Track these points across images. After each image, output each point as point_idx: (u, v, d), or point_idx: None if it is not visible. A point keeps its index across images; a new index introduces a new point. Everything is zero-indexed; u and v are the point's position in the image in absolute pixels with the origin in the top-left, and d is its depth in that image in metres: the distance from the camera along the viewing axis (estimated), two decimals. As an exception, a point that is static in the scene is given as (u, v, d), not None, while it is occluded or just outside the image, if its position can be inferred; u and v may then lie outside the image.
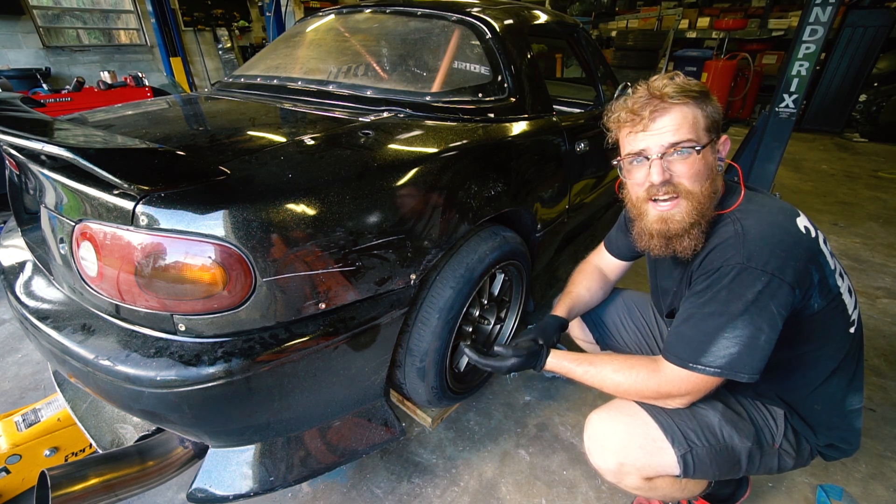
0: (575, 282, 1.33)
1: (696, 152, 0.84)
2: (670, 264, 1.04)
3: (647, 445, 0.94)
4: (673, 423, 0.94)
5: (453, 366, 1.45)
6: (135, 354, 0.86)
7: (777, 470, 1.00)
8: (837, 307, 0.89)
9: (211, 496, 0.97)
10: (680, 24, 7.52)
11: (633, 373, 0.92)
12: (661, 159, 0.85)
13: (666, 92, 0.83)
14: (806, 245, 0.83)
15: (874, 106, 5.61)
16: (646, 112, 0.85)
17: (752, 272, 0.79)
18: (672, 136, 0.84)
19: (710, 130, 0.86)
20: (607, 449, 0.96)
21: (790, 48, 2.79)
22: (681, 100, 0.83)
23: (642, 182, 0.90)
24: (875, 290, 2.42)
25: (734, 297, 0.80)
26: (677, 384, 0.87)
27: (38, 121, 0.98)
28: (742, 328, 0.80)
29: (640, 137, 0.87)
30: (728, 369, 0.81)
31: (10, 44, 5.50)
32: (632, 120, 0.88)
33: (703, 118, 0.85)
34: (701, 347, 0.83)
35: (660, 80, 0.86)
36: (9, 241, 1.34)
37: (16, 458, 1.24)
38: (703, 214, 0.87)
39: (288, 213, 0.87)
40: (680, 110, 0.84)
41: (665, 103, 0.84)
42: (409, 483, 1.36)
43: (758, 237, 0.82)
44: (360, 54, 1.71)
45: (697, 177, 0.85)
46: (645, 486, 0.97)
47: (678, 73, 0.88)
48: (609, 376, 0.95)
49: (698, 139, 0.84)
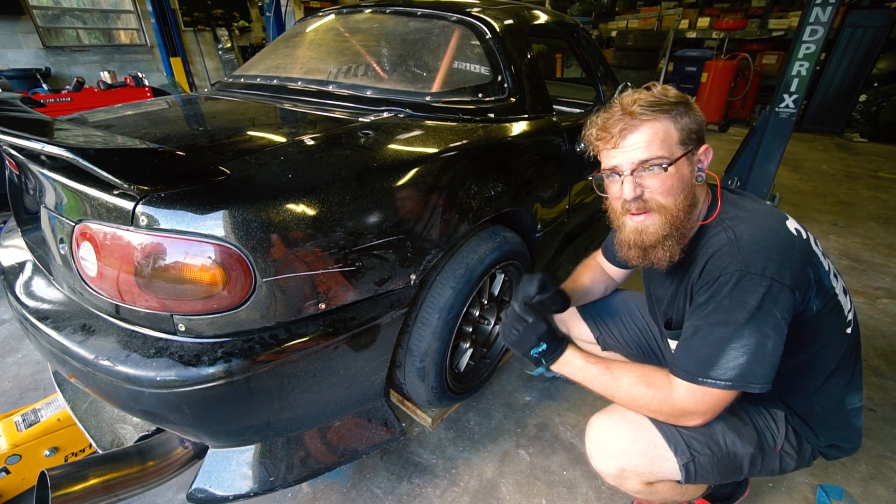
0: (578, 272, 1.35)
1: (663, 170, 0.84)
2: (663, 274, 1.04)
3: (649, 452, 0.93)
4: (675, 432, 0.93)
5: (453, 366, 1.45)
6: (135, 355, 0.86)
7: (779, 472, 1.00)
8: (834, 308, 0.89)
9: (211, 496, 0.97)
10: (680, 25, 7.52)
11: (650, 391, 0.89)
12: (633, 175, 0.86)
13: (634, 110, 0.84)
14: (800, 247, 0.83)
15: (874, 106, 5.61)
16: (616, 129, 0.85)
17: (751, 278, 0.79)
18: (642, 153, 0.84)
19: (686, 143, 0.85)
20: (608, 454, 0.96)
21: (790, 48, 2.79)
22: (651, 115, 0.83)
23: (618, 196, 0.91)
24: (875, 290, 2.41)
25: (737, 305, 0.80)
26: (691, 403, 0.85)
27: (38, 121, 0.98)
28: (748, 336, 0.79)
29: (612, 154, 0.88)
30: (739, 381, 0.80)
31: (10, 44, 5.50)
32: (603, 138, 0.89)
33: (677, 131, 0.84)
34: (709, 361, 0.82)
35: (632, 95, 0.86)
36: (9, 241, 1.34)
37: (16, 459, 1.24)
38: (678, 227, 0.88)
39: (288, 213, 0.87)
40: (650, 126, 0.84)
41: (635, 120, 0.84)
42: (409, 483, 1.36)
43: (751, 242, 0.82)
44: (360, 54, 1.71)
45: (670, 191, 0.86)
46: (646, 490, 0.97)
47: (655, 84, 0.88)
48: (625, 388, 0.91)
49: (670, 154, 0.84)
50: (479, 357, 1.56)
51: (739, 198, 0.94)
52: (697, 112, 0.87)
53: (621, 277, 1.36)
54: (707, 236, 0.90)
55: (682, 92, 0.88)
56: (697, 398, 0.84)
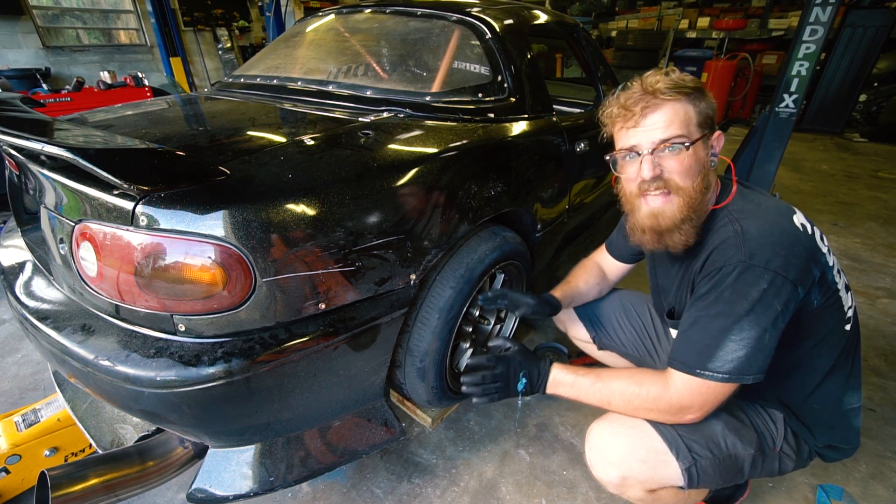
0: (574, 274, 1.35)
1: (685, 148, 0.84)
2: (669, 263, 1.04)
3: (651, 458, 0.92)
4: (677, 436, 0.92)
5: (453, 366, 1.45)
6: (135, 355, 0.86)
7: (778, 473, 1.00)
8: (834, 304, 0.89)
9: (211, 496, 0.97)
10: (680, 24, 7.52)
11: (643, 390, 0.89)
12: (652, 155, 0.86)
13: (658, 88, 0.83)
14: (805, 242, 0.83)
15: (874, 106, 5.61)
16: (637, 108, 0.85)
17: (755, 270, 0.79)
18: (663, 132, 0.84)
19: (703, 126, 0.86)
20: (609, 462, 0.95)
21: (790, 48, 2.79)
22: (673, 96, 0.83)
23: (634, 177, 0.90)
24: (875, 290, 2.41)
25: (739, 297, 0.80)
26: (688, 396, 0.85)
27: (38, 121, 0.98)
28: (748, 329, 0.79)
29: (631, 133, 0.88)
30: (736, 374, 0.80)
31: (10, 44, 5.50)
32: (623, 115, 0.88)
33: (696, 114, 0.85)
34: (707, 352, 0.82)
35: (653, 75, 0.86)
36: (9, 241, 1.34)
37: (16, 459, 1.24)
38: (695, 210, 0.87)
39: (288, 213, 0.87)
40: (671, 106, 0.84)
41: (657, 99, 0.84)
42: (409, 483, 1.36)
43: (758, 236, 0.82)
44: (360, 54, 1.71)
45: (688, 172, 0.85)
46: (648, 497, 0.96)
47: (673, 69, 0.88)
48: (618, 392, 0.91)
49: (689, 135, 0.84)
50: (479, 357, 1.56)
51: (748, 190, 0.94)
52: (711, 99, 0.88)
53: (618, 277, 1.36)
54: (714, 227, 0.90)
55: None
56: (694, 391, 0.84)
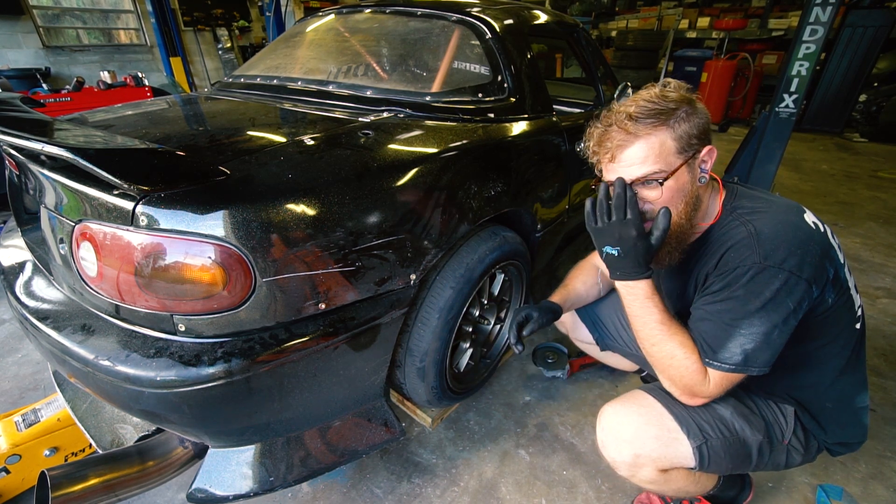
0: (571, 277, 1.36)
1: (660, 184, 0.85)
2: (674, 268, 1.04)
3: (663, 436, 0.94)
4: (687, 415, 0.95)
5: (453, 366, 1.45)
6: (135, 355, 0.86)
7: (784, 466, 1.01)
8: (846, 302, 0.89)
9: (211, 496, 0.97)
10: (680, 24, 7.53)
11: (689, 361, 0.87)
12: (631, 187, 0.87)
13: (627, 127, 0.83)
14: (819, 240, 0.84)
15: (874, 106, 5.61)
16: (612, 144, 0.86)
17: (770, 270, 0.80)
18: (638, 169, 0.85)
19: (685, 151, 0.85)
20: (623, 439, 0.96)
21: (790, 48, 2.79)
22: (646, 130, 0.83)
23: None
24: (875, 290, 2.41)
25: (752, 296, 0.81)
26: (701, 381, 0.88)
27: (38, 121, 0.98)
28: (759, 325, 0.81)
29: (610, 168, 0.89)
30: (743, 365, 0.82)
31: (10, 44, 5.50)
32: (599, 153, 0.90)
33: (674, 142, 0.83)
34: (717, 343, 0.84)
35: (627, 105, 0.85)
36: (9, 241, 1.34)
37: (16, 458, 1.24)
38: (677, 235, 0.90)
39: (288, 213, 0.87)
40: (645, 141, 0.83)
41: (629, 135, 0.84)
42: (409, 483, 1.36)
43: (772, 236, 0.82)
44: (360, 54, 1.71)
45: (670, 202, 0.86)
46: (660, 478, 0.97)
47: (654, 84, 0.88)
48: (675, 343, 0.88)
49: (667, 166, 0.84)
50: (478, 357, 1.56)
51: (754, 192, 0.95)
52: (701, 113, 0.86)
53: None
54: (724, 229, 0.90)
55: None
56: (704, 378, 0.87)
